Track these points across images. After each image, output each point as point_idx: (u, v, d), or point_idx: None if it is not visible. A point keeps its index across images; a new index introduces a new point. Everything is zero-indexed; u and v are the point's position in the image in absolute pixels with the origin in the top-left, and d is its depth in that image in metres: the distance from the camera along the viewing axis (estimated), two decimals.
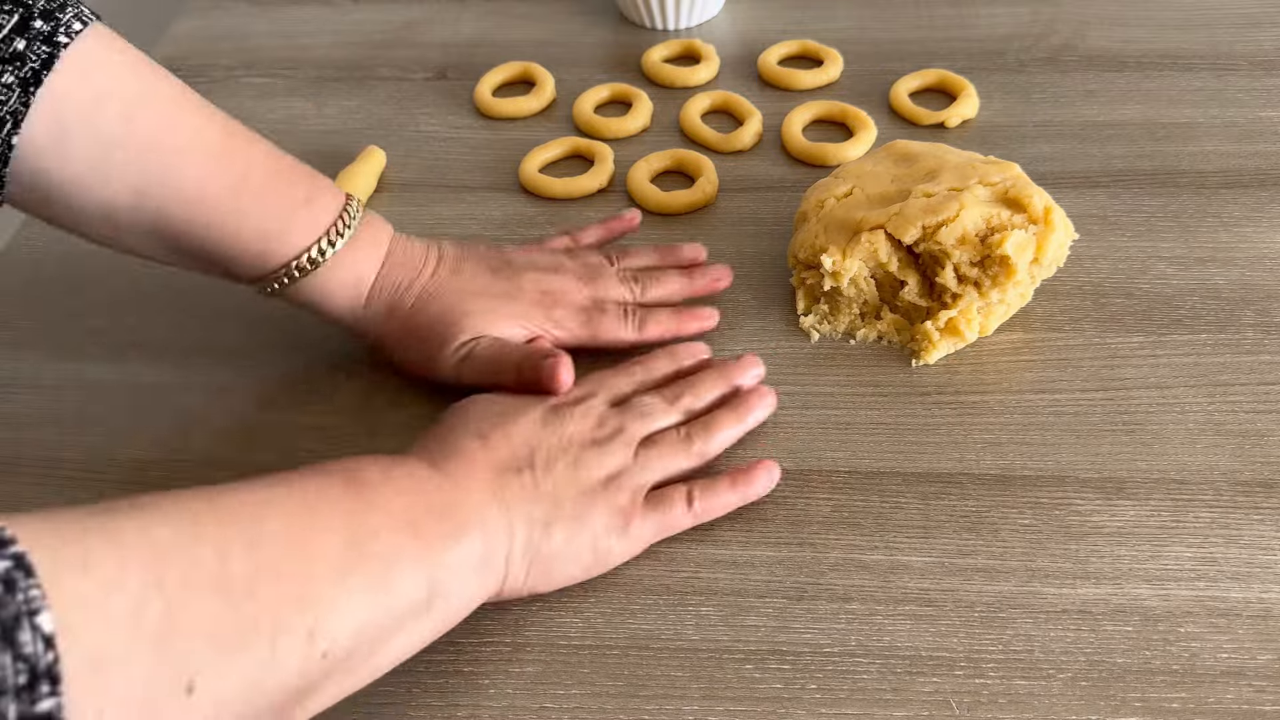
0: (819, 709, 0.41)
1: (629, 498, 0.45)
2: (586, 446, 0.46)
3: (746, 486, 0.47)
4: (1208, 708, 0.40)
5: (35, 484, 0.51)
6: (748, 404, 0.50)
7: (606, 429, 0.47)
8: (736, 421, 0.49)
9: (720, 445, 0.49)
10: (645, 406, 0.49)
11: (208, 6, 0.84)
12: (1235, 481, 0.47)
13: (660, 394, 0.50)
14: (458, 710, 0.42)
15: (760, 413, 0.50)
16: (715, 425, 0.49)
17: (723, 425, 0.49)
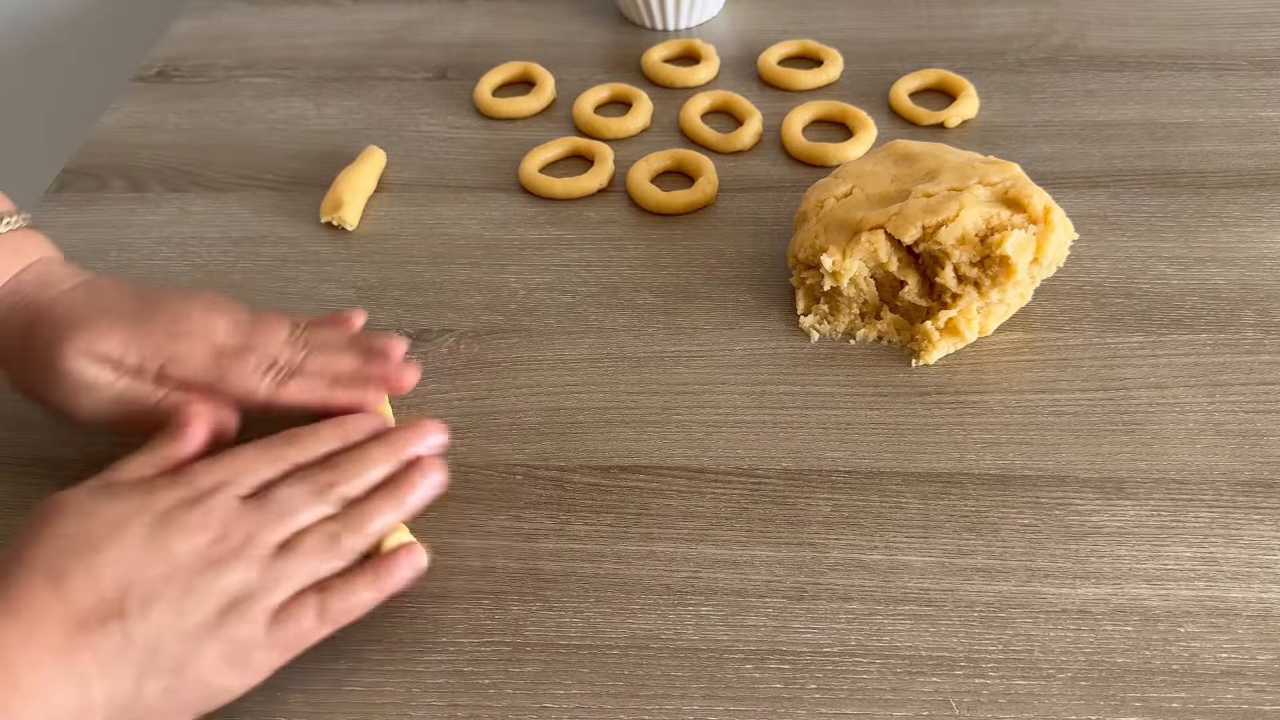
0: (819, 709, 0.41)
1: (250, 627, 0.38)
2: (202, 569, 0.38)
3: (386, 579, 0.41)
4: (1208, 708, 0.40)
5: (35, 484, 0.51)
6: (408, 482, 0.43)
7: (229, 542, 0.39)
8: (394, 507, 0.43)
9: (374, 537, 0.42)
10: (285, 503, 0.41)
11: (208, 6, 0.84)
12: (1235, 481, 0.47)
13: (309, 481, 0.42)
14: (458, 710, 0.42)
15: (423, 491, 0.44)
16: (367, 517, 0.42)
17: (377, 513, 0.42)
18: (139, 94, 0.76)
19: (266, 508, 0.41)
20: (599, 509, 0.48)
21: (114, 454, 0.52)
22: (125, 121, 0.73)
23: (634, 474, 0.49)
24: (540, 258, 0.61)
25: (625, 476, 0.49)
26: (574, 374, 0.54)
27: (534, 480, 0.50)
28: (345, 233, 0.64)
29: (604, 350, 0.55)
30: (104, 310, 0.47)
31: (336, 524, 0.42)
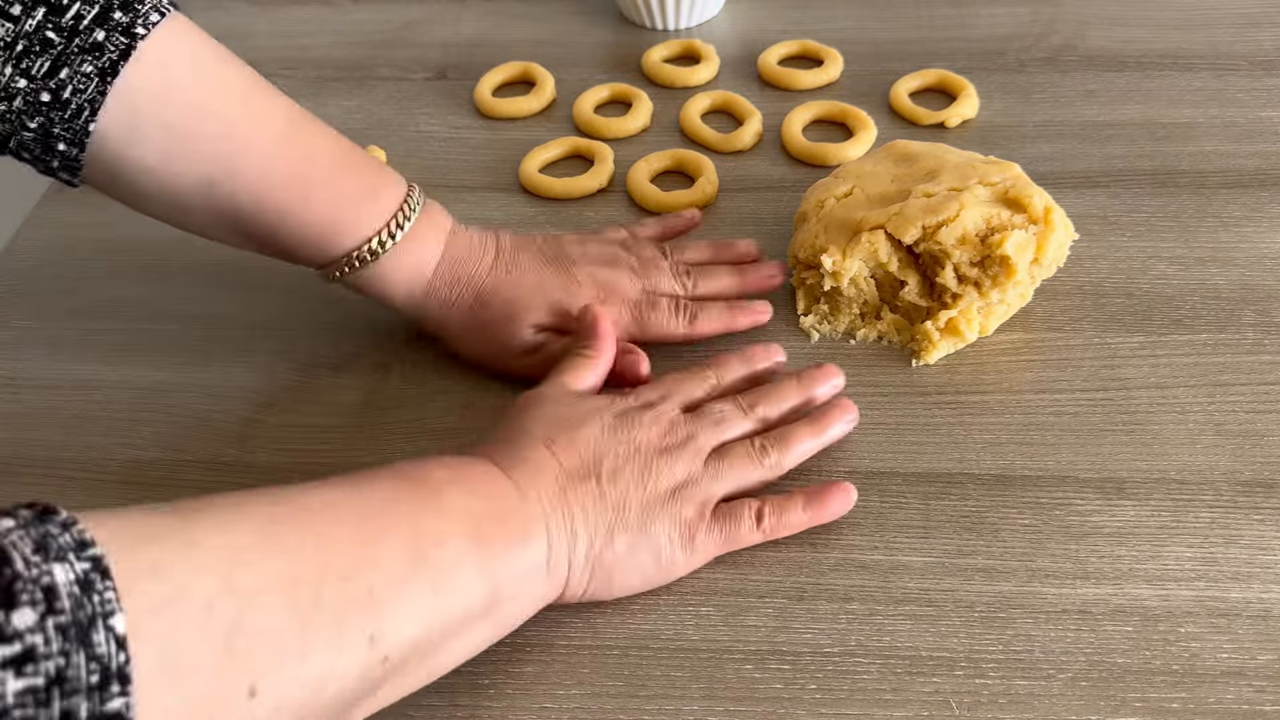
0: (819, 709, 0.41)
1: (695, 510, 0.45)
2: (655, 455, 0.45)
3: (820, 508, 0.46)
4: (1208, 708, 0.40)
5: (35, 484, 0.51)
6: (828, 417, 0.49)
7: (676, 436, 0.46)
8: (814, 435, 0.48)
9: (796, 459, 0.48)
10: (718, 414, 0.48)
11: (208, 6, 0.84)
12: (1235, 481, 0.47)
13: (735, 401, 0.49)
14: (457, 710, 0.42)
15: (840, 427, 0.49)
16: (791, 438, 0.48)
17: (799, 439, 0.48)
18: None
19: (703, 416, 0.48)
20: None
21: (114, 455, 0.52)
22: None
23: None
24: None
25: None
26: None
27: None
28: None
29: None
30: (536, 287, 0.53)
31: (764, 439, 0.47)
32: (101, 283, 0.62)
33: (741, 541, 0.45)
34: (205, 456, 0.52)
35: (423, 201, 0.52)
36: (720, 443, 0.47)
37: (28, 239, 0.65)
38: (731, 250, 0.58)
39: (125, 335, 0.58)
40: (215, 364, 0.56)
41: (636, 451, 0.45)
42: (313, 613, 0.33)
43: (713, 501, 0.45)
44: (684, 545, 0.44)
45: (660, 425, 0.46)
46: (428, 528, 0.38)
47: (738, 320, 0.55)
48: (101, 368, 0.57)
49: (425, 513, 0.39)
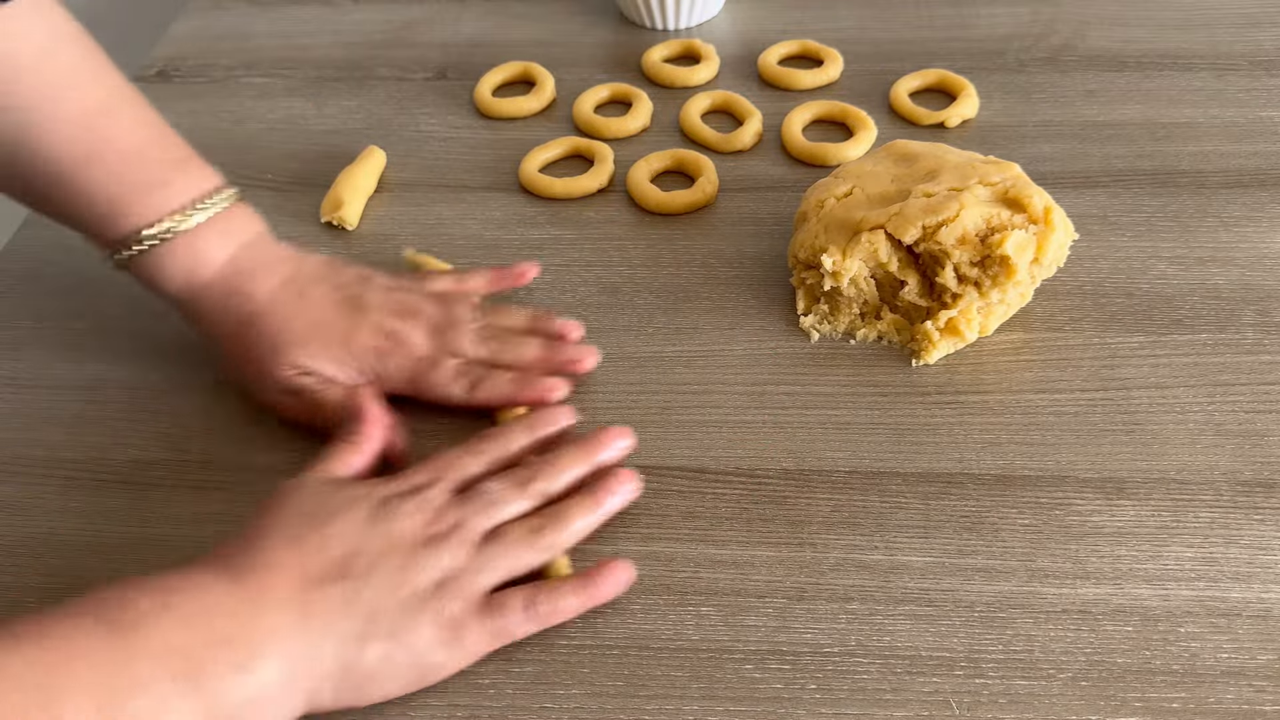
0: (819, 709, 0.41)
1: (462, 605, 0.42)
2: (417, 547, 0.42)
3: (593, 589, 0.44)
4: (1208, 708, 0.40)
5: (35, 484, 0.51)
6: (606, 488, 0.46)
7: (443, 524, 0.43)
8: (591, 510, 0.46)
9: (573, 538, 0.45)
10: (491, 495, 0.45)
11: (208, 6, 0.84)
12: (1235, 481, 0.47)
13: (511, 477, 0.46)
14: (457, 710, 0.42)
15: (618, 499, 0.47)
16: (568, 516, 0.45)
17: (576, 515, 0.45)
18: None
19: (474, 499, 0.45)
20: None
21: (114, 455, 0.52)
22: None
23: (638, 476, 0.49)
24: (540, 258, 0.61)
25: None
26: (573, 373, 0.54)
27: None
28: (345, 233, 0.64)
29: (604, 350, 0.55)
30: (314, 327, 0.51)
31: (539, 519, 0.45)
32: (101, 283, 0.62)
33: (513, 633, 0.42)
34: (205, 456, 0.52)
35: (228, 204, 0.51)
36: (493, 526, 0.44)
37: (28, 239, 0.65)
38: (550, 324, 0.55)
39: (125, 335, 0.58)
40: (215, 364, 0.56)
41: (395, 546, 0.42)
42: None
43: (481, 593, 0.42)
44: (449, 645, 0.41)
45: (424, 513, 0.43)
46: (123, 673, 0.34)
47: (522, 394, 0.51)
48: (101, 368, 0.57)
49: (119, 655, 0.35)
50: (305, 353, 0.50)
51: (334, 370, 0.51)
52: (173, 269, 0.50)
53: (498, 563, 0.43)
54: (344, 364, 0.51)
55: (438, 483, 0.45)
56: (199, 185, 0.51)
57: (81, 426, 0.54)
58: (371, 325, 0.52)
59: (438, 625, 0.41)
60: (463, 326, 0.53)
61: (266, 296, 0.51)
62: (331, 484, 0.45)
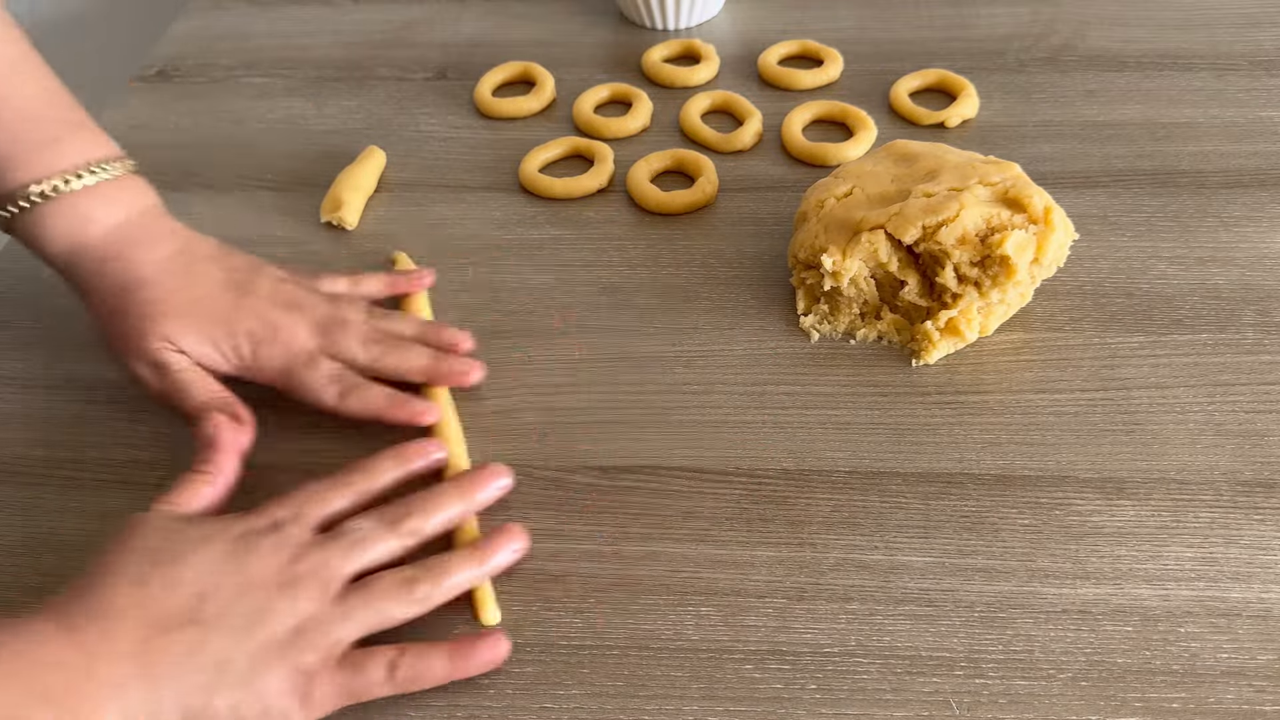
0: (819, 709, 0.41)
1: (318, 657, 0.39)
2: (272, 592, 0.39)
3: (464, 660, 0.41)
4: (1208, 708, 0.40)
5: (35, 484, 0.51)
6: (493, 545, 0.44)
7: (303, 566, 0.40)
8: (476, 565, 0.43)
9: (450, 593, 0.42)
10: (358, 534, 0.42)
11: (208, 6, 0.84)
12: (1235, 481, 0.47)
13: (380, 515, 0.43)
14: (457, 710, 0.42)
15: (504, 556, 0.44)
16: (447, 569, 0.42)
17: (457, 569, 0.43)
18: (139, 94, 0.76)
19: (339, 538, 0.42)
20: (599, 509, 0.48)
21: (114, 455, 0.52)
22: (125, 121, 0.73)
23: (634, 474, 0.49)
24: (540, 258, 0.61)
25: (625, 476, 0.49)
26: (574, 374, 0.54)
27: (534, 480, 0.50)
28: (345, 233, 0.64)
29: (604, 350, 0.55)
30: (194, 303, 0.50)
31: (414, 570, 0.42)
32: None
33: (368, 694, 0.40)
34: None
35: (121, 173, 0.51)
36: (358, 570, 0.41)
37: None
38: (440, 334, 0.54)
39: None
40: None
41: (249, 589, 0.39)
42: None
43: (341, 646, 0.40)
44: (300, 698, 0.38)
45: (283, 552, 0.40)
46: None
47: (392, 410, 0.50)
48: (101, 368, 0.57)
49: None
50: (180, 326, 0.49)
51: (207, 350, 0.50)
52: (55, 229, 0.50)
53: (361, 614, 0.40)
54: (218, 345, 0.50)
55: (300, 519, 0.42)
56: (93, 150, 0.51)
57: (81, 426, 0.54)
58: (254, 311, 0.50)
59: (289, 675, 0.38)
60: (350, 327, 0.52)
61: (151, 266, 0.50)
62: (182, 520, 0.42)
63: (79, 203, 0.50)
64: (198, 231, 0.54)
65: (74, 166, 0.50)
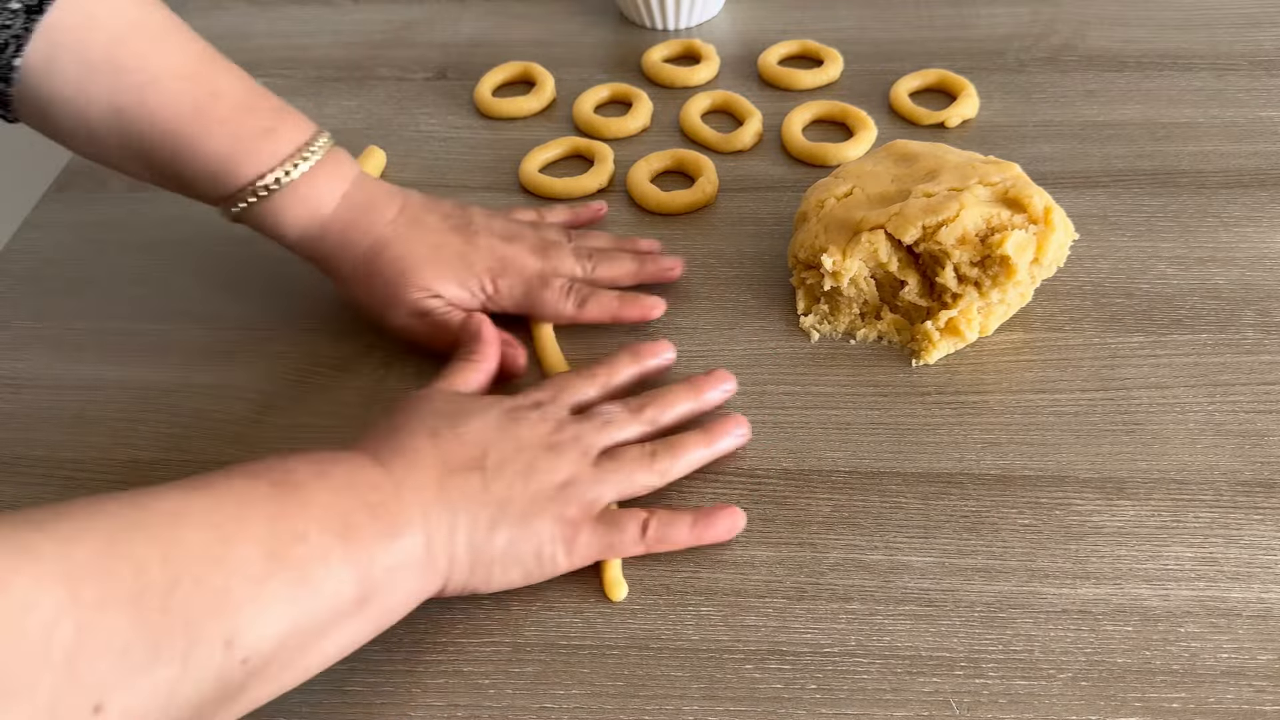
0: (819, 709, 0.41)
1: (579, 510, 0.44)
2: (541, 452, 0.45)
3: (707, 528, 0.46)
4: (1208, 708, 0.40)
5: (35, 484, 0.51)
6: (722, 427, 0.49)
7: (563, 435, 0.46)
8: (705, 444, 0.48)
9: (686, 467, 0.48)
10: (607, 415, 0.47)
11: (208, 6, 0.84)
12: (1235, 481, 0.47)
13: (625, 403, 0.48)
14: (457, 710, 0.42)
15: (731, 440, 0.49)
16: (682, 446, 0.47)
17: (690, 447, 0.48)
18: None
19: (593, 417, 0.47)
20: None
21: (114, 455, 0.52)
22: None
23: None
24: None
25: None
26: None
27: None
28: None
29: (604, 350, 0.55)
30: (435, 249, 0.54)
31: (655, 445, 0.47)
32: (102, 283, 0.62)
33: (623, 549, 0.45)
34: (205, 456, 0.52)
35: (328, 147, 0.53)
36: (609, 445, 0.47)
37: (28, 239, 0.65)
38: (634, 243, 0.59)
39: (125, 335, 0.58)
40: (215, 364, 0.56)
41: (522, 448, 0.45)
42: (161, 621, 0.33)
43: (598, 504, 0.45)
44: (565, 543, 0.44)
45: (547, 423, 0.46)
46: (286, 525, 0.38)
47: (626, 311, 0.55)
48: (101, 368, 0.57)
49: (284, 510, 0.38)
50: (432, 274, 0.53)
51: (456, 289, 0.54)
52: (293, 213, 0.52)
53: (613, 478, 0.45)
54: (465, 284, 0.54)
55: (558, 400, 0.48)
56: (303, 131, 0.53)
57: (81, 426, 0.54)
58: (484, 247, 0.55)
59: (558, 523, 0.44)
60: (561, 248, 0.56)
61: (387, 227, 0.54)
62: (459, 395, 0.48)
63: (308, 184, 0.52)
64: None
65: (295, 152, 0.52)
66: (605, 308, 0.55)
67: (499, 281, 0.54)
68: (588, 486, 0.45)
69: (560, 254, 0.56)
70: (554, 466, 0.44)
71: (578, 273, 0.56)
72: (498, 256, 0.55)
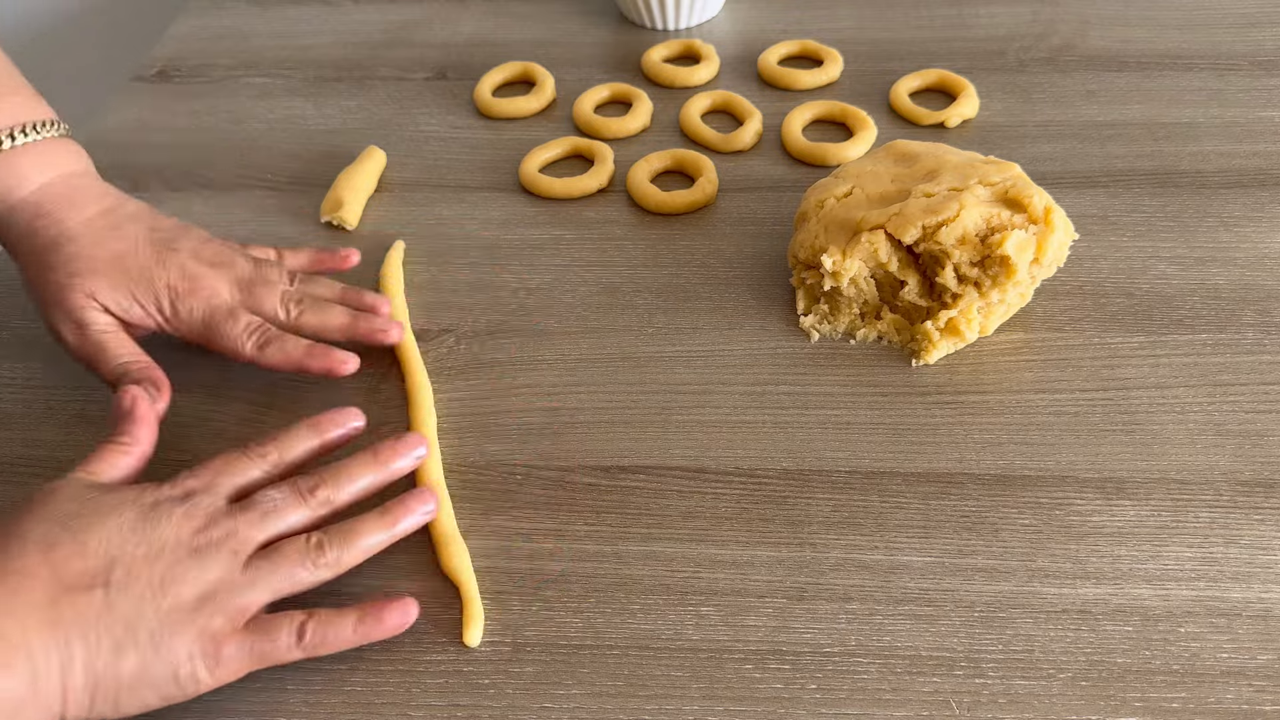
0: (819, 709, 0.41)
1: (225, 622, 0.39)
2: (181, 558, 0.40)
3: (374, 625, 0.42)
4: (1208, 708, 0.40)
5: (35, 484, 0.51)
6: (403, 507, 0.44)
7: (213, 534, 0.41)
8: (384, 528, 0.43)
9: (361, 555, 0.43)
10: (269, 503, 0.42)
11: (208, 6, 0.84)
12: (1235, 481, 0.47)
13: (293, 485, 0.43)
14: (457, 710, 0.42)
15: (415, 519, 0.45)
16: (356, 533, 0.43)
17: (365, 533, 0.43)
18: (139, 94, 0.76)
19: (251, 508, 0.42)
20: (599, 509, 0.48)
21: None
22: (125, 121, 0.73)
23: (634, 474, 0.49)
24: (540, 258, 0.61)
25: (625, 476, 0.49)
26: (574, 374, 0.54)
27: (534, 480, 0.50)
28: (345, 233, 0.64)
29: (604, 350, 0.55)
30: (117, 258, 0.50)
31: (322, 535, 0.42)
32: None
33: (277, 658, 0.40)
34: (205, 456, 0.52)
35: (53, 137, 0.52)
36: (269, 538, 0.42)
37: None
38: (361, 298, 0.55)
39: None
40: (215, 364, 0.56)
41: (158, 554, 0.39)
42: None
43: (249, 610, 0.40)
44: (209, 660, 0.39)
45: (194, 520, 0.41)
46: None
47: (311, 360, 0.51)
48: None
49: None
50: (103, 282, 0.50)
51: (126, 302, 0.51)
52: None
53: (268, 579, 0.41)
54: (137, 299, 0.51)
55: (212, 489, 0.43)
56: (27, 114, 0.52)
57: (81, 426, 0.54)
58: (176, 265, 0.51)
59: (198, 639, 0.39)
60: (271, 286, 0.53)
61: (77, 224, 0.51)
62: (97, 488, 0.42)
63: (12, 162, 0.51)
64: None
65: (7, 127, 0.51)
66: (288, 355, 0.51)
67: (180, 303, 0.51)
68: (237, 593, 0.40)
69: (266, 292, 0.53)
70: (195, 575, 0.39)
71: (279, 316, 0.52)
72: (188, 276, 0.51)
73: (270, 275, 0.54)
